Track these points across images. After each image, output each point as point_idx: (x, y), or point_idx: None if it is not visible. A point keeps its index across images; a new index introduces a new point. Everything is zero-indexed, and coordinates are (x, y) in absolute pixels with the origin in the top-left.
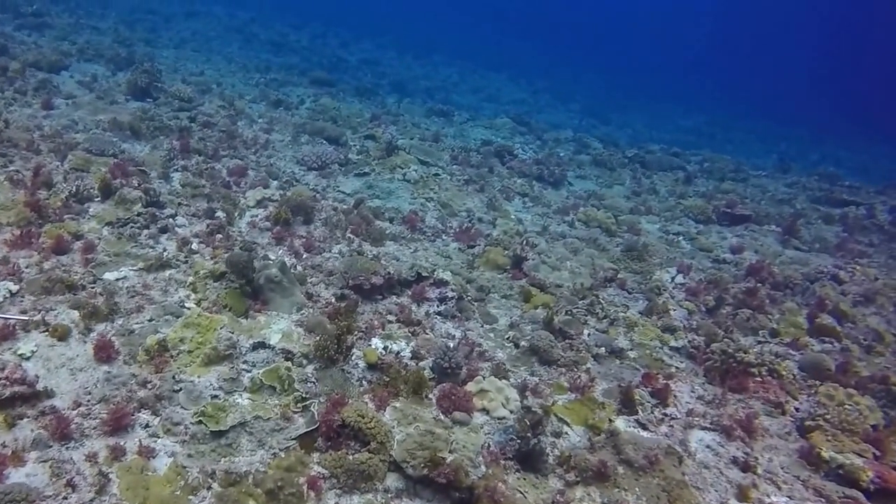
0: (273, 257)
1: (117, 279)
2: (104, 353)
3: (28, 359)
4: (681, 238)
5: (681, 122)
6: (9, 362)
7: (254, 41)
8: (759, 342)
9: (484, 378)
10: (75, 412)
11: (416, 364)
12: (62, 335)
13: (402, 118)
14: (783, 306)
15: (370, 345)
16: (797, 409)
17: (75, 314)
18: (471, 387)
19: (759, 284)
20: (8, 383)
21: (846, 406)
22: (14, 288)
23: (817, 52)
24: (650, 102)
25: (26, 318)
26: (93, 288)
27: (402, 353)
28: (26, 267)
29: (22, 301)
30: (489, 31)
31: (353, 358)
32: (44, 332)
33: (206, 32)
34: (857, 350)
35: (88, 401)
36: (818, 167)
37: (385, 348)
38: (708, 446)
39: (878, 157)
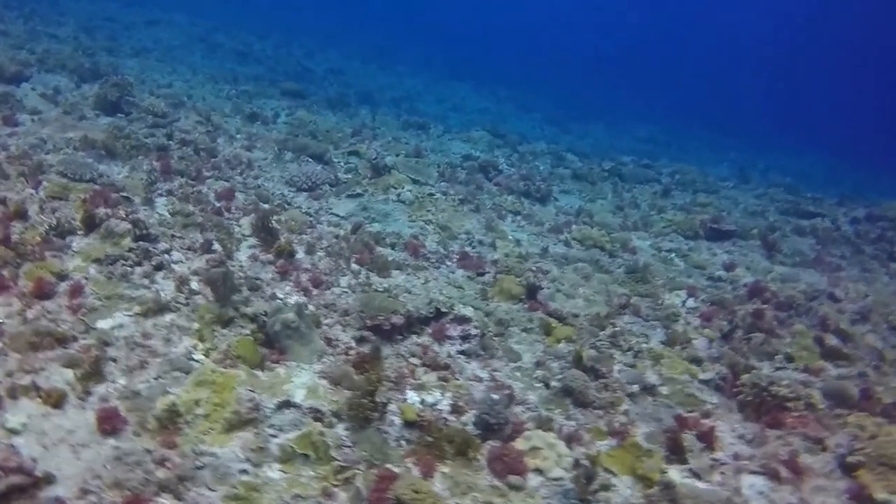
0: (281, 295)
1: (112, 328)
2: (109, 423)
3: (18, 433)
4: (673, 255)
5: (636, 132)
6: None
7: (218, 50)
8: (777, 368)
9: (531, 432)
10: (83, 502)
11: (458, 419)
12: (57, 401)
13: (381, 131)
14: (792, 329)
15: (405, 398)
16: (837, 445)
17: (70, 374)
18: (521, 444)
19: (764, 305)
20: (3, 474)
21: (881, 438)
22: None
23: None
24: (605, 111)
25: None
26: (86, 340)
27: (438, 406)
28: (7, 317)
29: (6, 360)
30: (455, 43)
31: (387, 414)
32: (35, 397)
33: (168, 41)
34: (872, 374)
35: (98, 486)
36: (767, 175)
37: (422, 402)
38: (760, 492)
39: (814, 164)
